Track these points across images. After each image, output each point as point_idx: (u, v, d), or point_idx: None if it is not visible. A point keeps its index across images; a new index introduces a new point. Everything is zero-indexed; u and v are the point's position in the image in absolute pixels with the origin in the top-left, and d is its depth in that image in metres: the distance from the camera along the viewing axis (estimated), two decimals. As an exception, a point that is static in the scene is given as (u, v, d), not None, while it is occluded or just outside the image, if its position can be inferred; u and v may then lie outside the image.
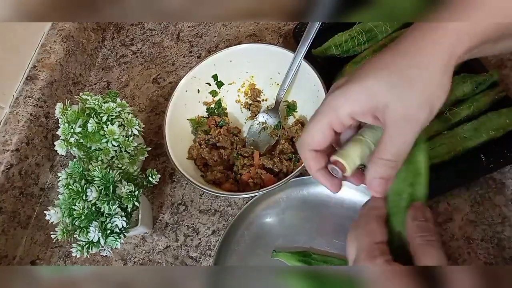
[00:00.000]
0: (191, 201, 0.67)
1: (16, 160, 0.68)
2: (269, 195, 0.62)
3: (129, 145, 0.61)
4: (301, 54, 0.64)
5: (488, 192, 0.57)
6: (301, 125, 0.67)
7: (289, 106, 0.71)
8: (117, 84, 0.84)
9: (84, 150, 0.60)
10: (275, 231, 0.61)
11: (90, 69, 0.87)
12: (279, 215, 0.62)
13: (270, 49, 0.69)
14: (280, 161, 0.63)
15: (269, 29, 0.82)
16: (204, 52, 0.83)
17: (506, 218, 0.55)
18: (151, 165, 0.72)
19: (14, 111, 0.71)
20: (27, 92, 0.73)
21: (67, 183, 0.56)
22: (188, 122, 0.71)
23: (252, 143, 0.69)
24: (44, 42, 0.79)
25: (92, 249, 0.54)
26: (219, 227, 0.64)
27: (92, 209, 0.54)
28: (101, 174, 0.55)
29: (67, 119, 0.59)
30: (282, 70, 0.67)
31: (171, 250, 0.64)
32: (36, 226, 0.70)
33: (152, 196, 0.69)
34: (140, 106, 0.80)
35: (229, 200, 0.66)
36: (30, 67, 0.76)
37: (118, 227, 0.55)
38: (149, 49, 0.87)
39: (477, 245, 0.54)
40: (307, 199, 0.62)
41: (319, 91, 0.62)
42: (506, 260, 0.52)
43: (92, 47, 0.87)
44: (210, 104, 0.73)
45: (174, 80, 0.81)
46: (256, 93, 0.74)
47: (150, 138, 0.75)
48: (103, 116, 0.59)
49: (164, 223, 0.66)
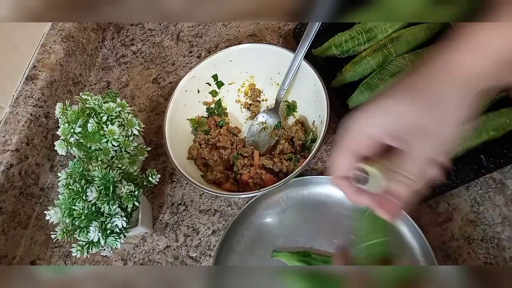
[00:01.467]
0: (191, 201, 0.67)
1: (16, 160, 0.68)
2: (269, 195, 0.62)
3: (129, 145, 0.61)
4: (301, 54, 0.64)
5: (488, 192, 0.57)
6: (301, 125, 0.67)
7: (289, 106, 0.71)
8: (117, 84, 0.84)
9: (84, 150, 0.60)
10: (275, 231, 0.61)
11: (90, 69, 0.87)
12: (279, 215, 0.62)
13: (270, 49, 0.69)
14: (280, 161, 0.63)
15: (269, 29, 0.82)
16: (204, 52, 0.83)
17: (506, 218, 0.55)
18: (151, 165, 0.72)
19: (14, 111, 0.71)
20: (27, 92, 0.73)
21: (67, 183, 0.56)
22: (188, 122, 0.71)
23: (252, 143, 0.69)
24: (44, 42, 0.79)
25: (92, 249, 0.54)
26: (219, 227, 0.64)
27: (92, 209, 0.54)
28: (101, 174, 0.55)
29: (67, 119, 0.59)
30: (282, 70, 0.67)
31: (171, 250, 0.64)
32: (36, 226, 0.70)
33: (152, 196, 0.69)
34: (140, 106, 0.80)
35: (229, 200, 0.66)
36: (30, 67, 0.76)
37: (118, 227, 0.55)
38: (149, 49, 0.87)
39: (477, 245, 0.54)
40: (307, 199, 0.62)
41: (319, 91, 0.62)
42: (506, 260, 0.53)
43: (92, 47, 0.87)
44: (210, 104, 0.73)
45: (174, 80, 0.81)
46: (256, 93, 0.74)
47: (150, 138, 0.75)
48: (103, 116, 0.59)
49: (164, 223, 0.66)
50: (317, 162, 0.65)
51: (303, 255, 0.57)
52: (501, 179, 0.57)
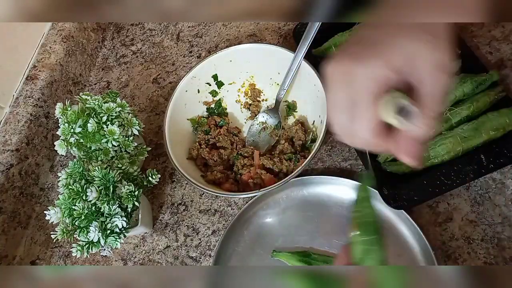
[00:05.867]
0: (191, 201, 0.67)
1: (16, 160, 0.68)
2: (269, 195, 0.62)
3: (129, 145, 0.61)
4: (301, 54, 0.64)
5: (488, 192, 0.57)
6: (301, 125, 0.67)
7: (289, 106, 0.71)
8: (117, 84, 0.84)
9: (84, 150, 0.60)
10: (275, 231, 0.61)
11: (90, 69, 0.87)
12: (279, 215, 0.62)
13: (270, 49, 0.69)
14: (280, 161, 0.63)
15: (269, 29, 0.82)
16: (204, 52, 0.83)
17: (506, 218, 0.55)
18: (151, 165, 0.72)
19: (14, 111, 0.71)
20: (27, 92, 0.73)
21: (67, 183, 0.56)
22: (188, 122, 0.71)
23: (252, 143, 0.69)
24: (44, 42, 0.79)
25: (92, 249, 0.54)
26: (219, 227, 0.64)
27: (92, 209, 0.54)
28: (101, 174, 0.55)
29: (67, 119, 0.59)
30: (282, 70, 0.67)
31: (171, 250, 0.64)
32: (36, 226, 0.71)
33: (152, 196, 0.69)
34: (140, 106, 0.80)
35: (229, 200, 0.66)
36: (30, 67, 0.76)
37: (118, 227, 0.55)
38: (149, 49, 0.87)
39: (477, 245, 0.54)
40: (307, 199, 0.62)
41: (319, 91, 0.62)
42: (506, 260, 0.52)
43: (92, 47, 0.87)
44: (210, 104, 0.73)
45: (174, 80, 0.81)
46: (256, 93, 0.74)
47: (150, 138, 0.75)
48: (103, 116, 0.59)
49: (164, 223, 0.66)
50: (317, 162, 0.65)
51: (303, 255, 0.57)
52: (501, 179, 0.57)
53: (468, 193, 0.57)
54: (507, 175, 0.57)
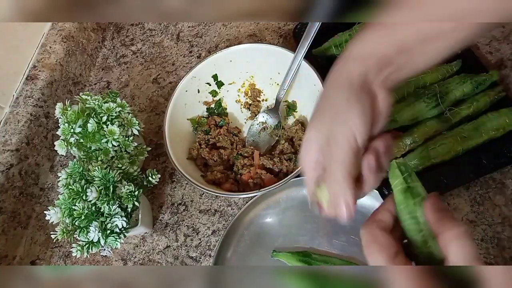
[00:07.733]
0: (191, 201, 0.67)
1: (16, 160, 0.68)
2: (269, 195, 0.62)
3: (129, 145, 0.61)
4: (301, 54, 0.64)
5: (488, 192, 0.57)
6: (301, 125, 0.67)
7: (289, 106, 0.71)
8: (117, 84, 0.84)
9: (84, 150, 0.60)
10: (275, 231, 0.61)
11: (90, 69, 0.87)
12: (279, 215, 0.62)
13: (270, 49, 0.69)
14: (280, 161, 0.63)
15: (269, 29, 0.82)
16: (204, 52, 0.83)
17: (506, 218, 0.55)
18: (151, 165, 0.72)
19: (14, 111, 0.71)
20: (27, 92, 0.73)
21: (67, 183, 0.56)
22: (188, 122, 0.71)
23: (252, 143, 0.69)
24: (44, 42, 0.79)
25: (92, 249, 0.54)
26: (219, 227, 0.64)
27: (92, 209, 0.54)
28: (101, 174, 0.55)
29: (67, 119, 0.59)
30: (282, 70, 0.67)
31: (171, 250, 0.64)
32: (36, 226, 0.70)
33: (152, 196, 0.69)
34: (140, 106, 0.80)
35: (229, 200, 0.66)
36: (30, 67, 0.76)
37: (118, 227, 0.55)
38: (149, 49, 0.87)
39: (477, 245, 0.54)
40: (307, 199, 0.62)
41: (319, 91, 0.62)
42: (506, 260, 0.52)
43: (92, 47, 0.87)
44: (210, 104, 0.73)
45: (174, 80, 0.81)
46: (256, 93, 0.74)
47: (150, 138, 0.75)
48: (103, 116, 0.59)
49: (164, 223, 0.66)
50: (317, 162, 0.65)
51: (303, 255, 0.57)
52: (501, 179, 0.57)
53: (468, 193, 0.57)
54: (507, 175, 0.57)
